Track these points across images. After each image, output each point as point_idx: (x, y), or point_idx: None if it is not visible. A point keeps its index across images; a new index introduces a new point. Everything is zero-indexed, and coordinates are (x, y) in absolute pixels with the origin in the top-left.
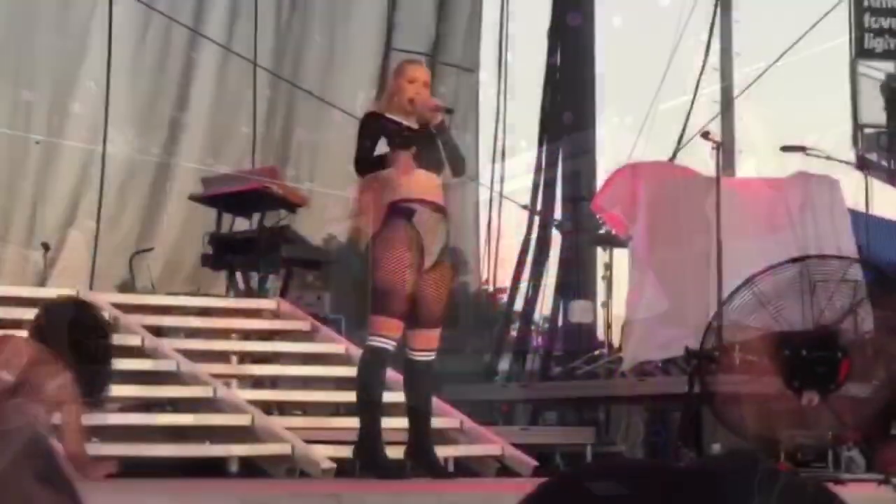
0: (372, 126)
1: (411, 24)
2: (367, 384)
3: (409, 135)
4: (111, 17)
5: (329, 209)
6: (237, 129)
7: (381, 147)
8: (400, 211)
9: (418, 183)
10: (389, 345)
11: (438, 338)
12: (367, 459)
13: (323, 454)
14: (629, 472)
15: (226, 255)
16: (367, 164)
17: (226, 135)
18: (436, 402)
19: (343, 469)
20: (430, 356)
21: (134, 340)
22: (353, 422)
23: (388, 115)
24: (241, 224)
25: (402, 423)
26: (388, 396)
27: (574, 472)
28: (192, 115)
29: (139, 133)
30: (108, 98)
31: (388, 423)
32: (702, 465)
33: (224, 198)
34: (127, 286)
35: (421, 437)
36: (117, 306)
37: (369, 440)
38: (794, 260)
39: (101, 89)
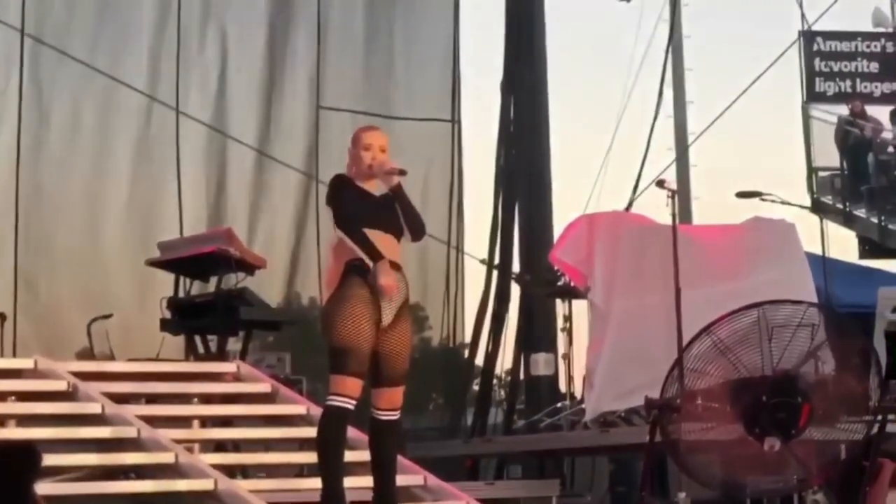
0: (344, 188)
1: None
2: (329, 444)
3: (374, 207)
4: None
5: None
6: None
7: None
8: (357, 269)
9: (377, 242)
10: (349, 404)
11: (402, 395)
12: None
13: None
14: None
15: (184, 319)
16: (352, 227)
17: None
18: (399, 459)
19: None
20: (395, 415)
21: (94, 408)
22: (318, 482)
23: (357, 182)
24: (199, 287)
25: (365, 481)
26: (351, 455)
27: None
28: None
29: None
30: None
31: (351, 482)
32: None
33: (181, 262)
34: (85, 353)
35: (385, 496)
36: (76, 374)
37: (332, 500)
38: (751, 306)
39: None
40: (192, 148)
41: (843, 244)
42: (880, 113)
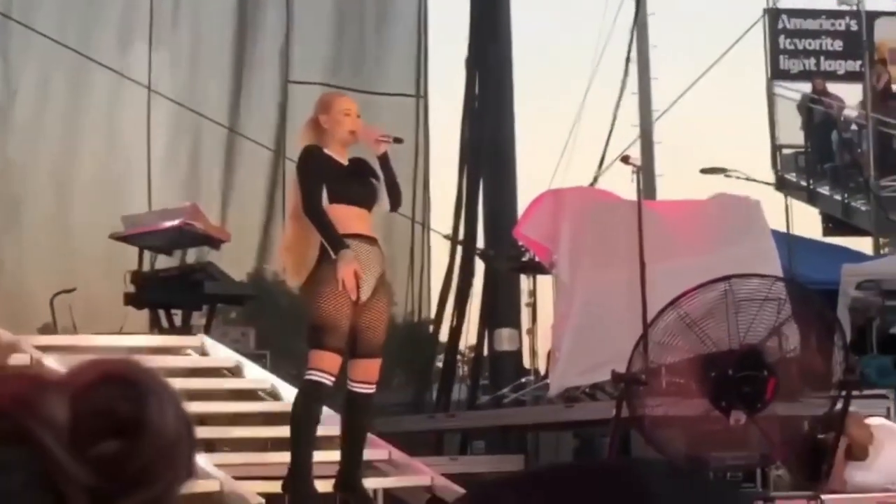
0: (315, 164)
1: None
2: (302, 418)
3: (346, 178)
4: None
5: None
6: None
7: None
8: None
9: (350, 218)
10: (328, 379)
11: (378, 368)
12: (297, 494)
13: (252, 490)
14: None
15: (149, 293)
16: (319, 217)
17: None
18: None
19: None
20: (371, 388)
21: None
22: (283, 457)
23: (326, 151)
24: (164, 262)
25: (330, 455)
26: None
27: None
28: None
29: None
30: None
31: (316, 456)
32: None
33: (146, 236)
34: (48, 328)
35: (351, 470)
36: (39, 348)
37: (300, 474)
38: (718, 280)
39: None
40: (162, 123)
41: (807, 221)
42: (844, 91)
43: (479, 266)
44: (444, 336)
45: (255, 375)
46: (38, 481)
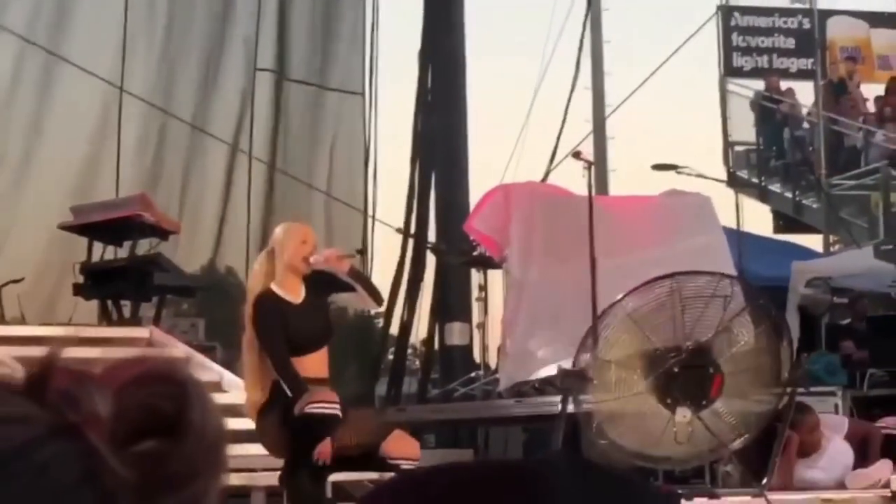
0: (270, 319)
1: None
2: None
3: (300, 323)
4: None
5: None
6: (103, 158)
7: None
8: (278, 394)
9: (305, 366)
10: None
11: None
12: (293, 487)
13: None
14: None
15: (98, 283)
16: (287, 376)
17: (92, 164)
18: None
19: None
20: None
21: (4, 372)
22: (231, 449)
23: (279, 293)
24: (113, 252)
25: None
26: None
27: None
28: (51, 144)
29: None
30: None
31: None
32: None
33: (95, 226)
34: None
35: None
36: None
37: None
38: (665, 276)
39: None
40: (130, 117)
41: (758, 218)
42: (796, 89)
43: (431, 260)
44: (395, 329)
45: (205, 367)
46: (88, 477)
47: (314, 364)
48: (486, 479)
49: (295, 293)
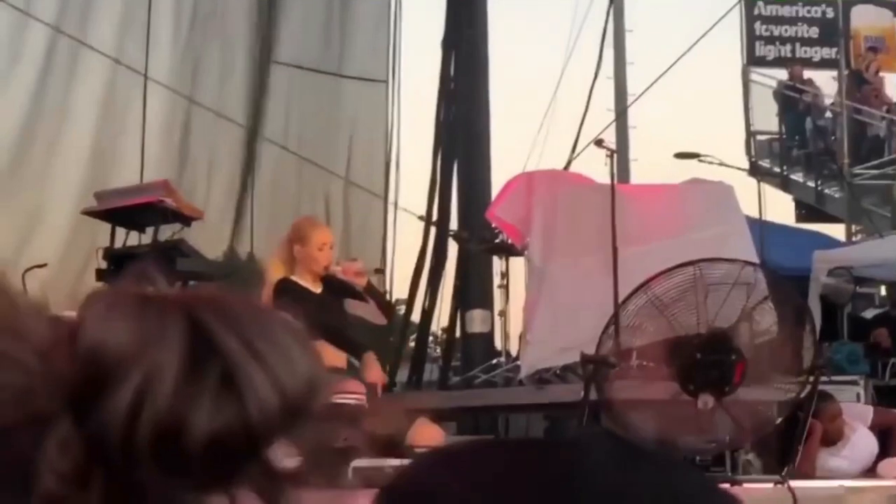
0: (292, 298)
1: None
2: None
3: (317, 311)
4: None
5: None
6: (127, 144)
7: None
8: None
9: (324, 354)
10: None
11: None
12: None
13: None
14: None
15: (121, 269)
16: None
17: (116, 150)
18: None
19: None
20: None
21: None
22: None
23: (299, 282)
24: (136, 238)
25: None
26: None
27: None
28: (76, 130)
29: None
30: None
31: None
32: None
33: (118, 212)
34: None
35: None
36: None
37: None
38: (687, 264)
39: None
40: (154, 105)
41: (780, 208)
42: (819, 78)
43: (453, 247)
44: (416, 317)
45: None
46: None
47: (331, 354)
48: (520, 458)
49: (314, 285)
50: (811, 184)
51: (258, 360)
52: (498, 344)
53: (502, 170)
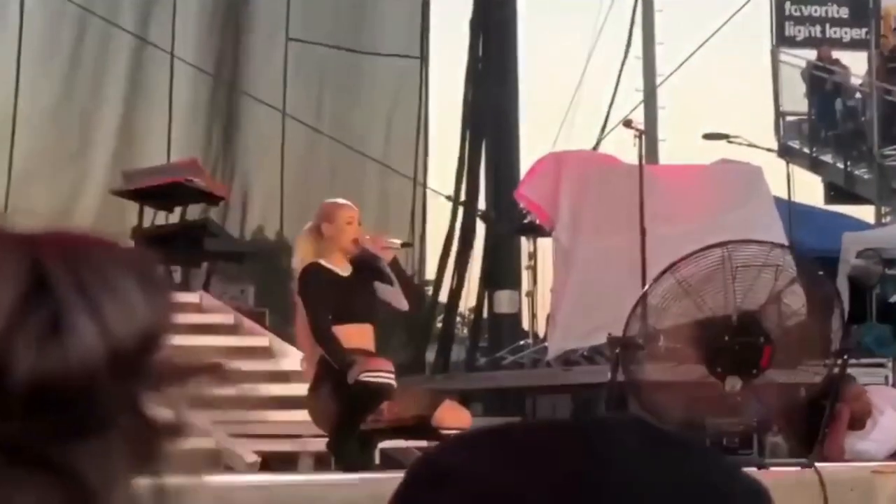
0: (316, 286)
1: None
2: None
3: (347, 294)
4: (22, 6)
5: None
6: (155, 124)
7: None
8: (328, 366)
9: (351, 336)
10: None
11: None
12: (340, 453)
13: (248, 449)
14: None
15: (148, 248)
16: (327, 342)
17: (143, 129)
18: None
19: (266, 463)
20: None
21: None
22: (279, 415)
23: (326, 265)
24: (164, 218)
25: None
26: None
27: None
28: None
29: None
30: (17, 91)
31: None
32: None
33: (145, 192)
34: None
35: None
36: None
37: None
38: (716, 245)
39: (10, 83)
40: (180, 82)
41: (809, 189)
42: (849, 58)
43: (481, 228)
44: (444, 297)
45: (254, 333)
46: None
47: (360, 336)
48: (547, 441)
49: (342, 268)
50: (840, 165)
51: (89, 305)
52: (525, 325)
53: (531, 150)
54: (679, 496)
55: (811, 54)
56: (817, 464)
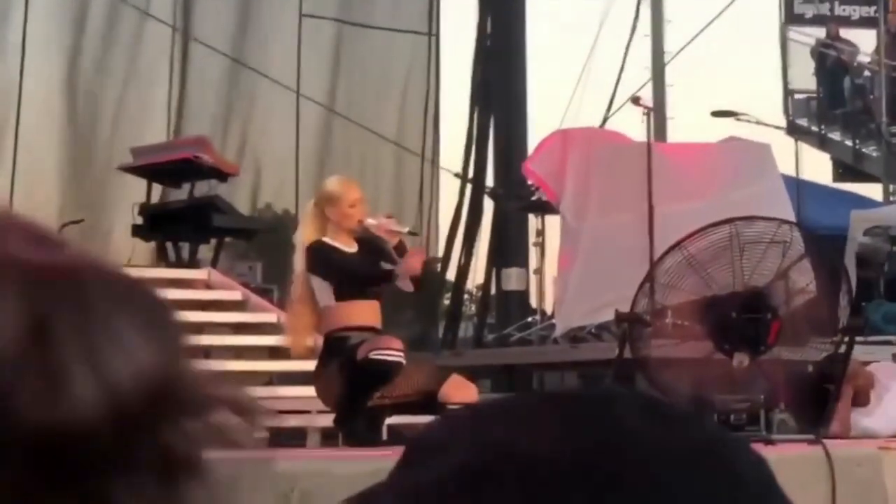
0: (324, 262)
1: None
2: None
3: (358, 270)
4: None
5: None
6: (164, 100)
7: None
8: (338, 345)
9: (357, 312)
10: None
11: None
12: (350, 429)
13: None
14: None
15: (156, 225)
16: (369, 276)
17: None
18: None
19: (275, 439)
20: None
21: None
22: (286, 391)
23: (331, 243)
24: (171, 194)
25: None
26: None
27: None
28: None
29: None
30: (22, 66)
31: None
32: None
33: (154, 168)
34: None
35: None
36: None
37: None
38: (723, 222)
39: (16, 57)
40: (192, 59)
41: (818, 167)
42: (858, 36)
43: (489, 205)
44: (451, 274)
45: (261, 309)
46: None
47: (367, 312)
48: (550, 413)
49: (348, 245)
50: (849, 143)
51: (89, 354)
52: (533, 302)
53: (539, 128)
54: (687, 463)
55: (820, 32)
56: (824, 440)
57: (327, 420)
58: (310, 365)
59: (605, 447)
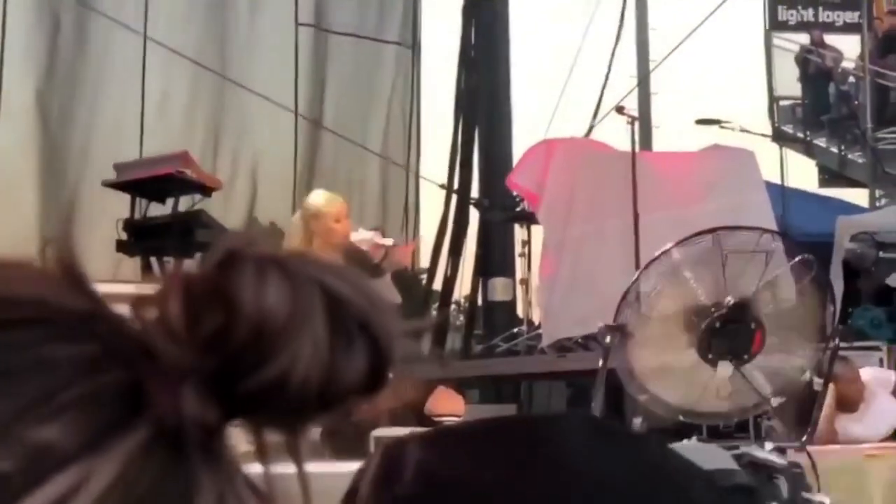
0: None
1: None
2: None
3: None
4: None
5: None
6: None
7: None
8: None
9: None
10: None
11: None
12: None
13: (243, 438)
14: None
15: (141, 240)
16: None
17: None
18: None
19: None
20: None
21: None
22: None
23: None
24: (156, 209)
25: None
26: None
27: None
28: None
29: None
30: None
31: None
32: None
33: (137, 183)
34: None
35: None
36: None
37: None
38: (706, 231)
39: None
40: (156, 69)
41: (803, 173)
42: (841, 42)
43: (474, 216)
44: (438, 285)
45: None
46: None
47: None
48: (495, 440)
49: (332, 258)
50: (834, 149)
51: (380, 307)
52: (520, 312)
53: (524, 138)
54: (632, 488)
55: (804, 38)
56: (809, 447)
57: (314, 432)
58: None
59: (537, 471)
